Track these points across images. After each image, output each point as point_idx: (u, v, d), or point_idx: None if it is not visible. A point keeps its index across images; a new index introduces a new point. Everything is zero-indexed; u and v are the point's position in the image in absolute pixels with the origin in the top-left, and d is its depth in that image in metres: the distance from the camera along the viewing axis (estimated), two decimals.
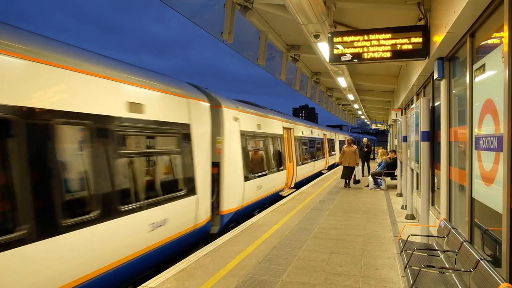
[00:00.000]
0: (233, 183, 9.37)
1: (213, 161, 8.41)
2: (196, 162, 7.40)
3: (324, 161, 24.30)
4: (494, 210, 3.60)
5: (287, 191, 14.50)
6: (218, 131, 8.92)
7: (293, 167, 15.64)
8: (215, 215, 8.52)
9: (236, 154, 9.81)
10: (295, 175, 15.85)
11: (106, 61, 5.58)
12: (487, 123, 3.82)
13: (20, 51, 3.98)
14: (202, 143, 7.72)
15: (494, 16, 3.76)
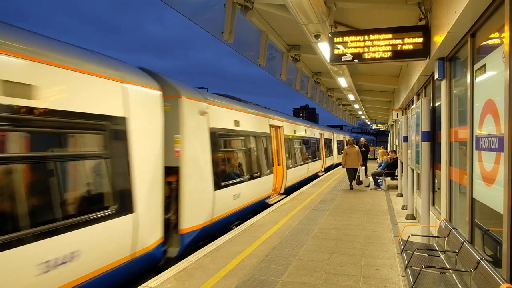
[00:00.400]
0: (198, 192, 7.55)
1: (171, 165, 6.87)
2: (135, 168, 5.59)
3: (321, 162, 22.79)
4: (495, 211, 3.59)
5: (275, 198, 12.78)
6: (177, 128, 7.08)
7: (282, 170, 14.01)
8: (173, 234, 6.95)
9: (203, 157, 7.89)
10: (285, 180, 14.25)
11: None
12: (488, 123, 3.81)
13: None
14: (147, 143, 6.00)
15: (495, 16, 3.76)
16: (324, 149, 24.37)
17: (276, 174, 12.94)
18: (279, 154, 13.85)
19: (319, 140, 22.81)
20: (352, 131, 67.42)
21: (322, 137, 23.90)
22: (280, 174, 13.63)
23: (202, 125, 7.97)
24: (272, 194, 12.70)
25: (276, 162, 13.24)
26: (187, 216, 7.05)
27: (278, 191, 13.59)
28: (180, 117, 7.13)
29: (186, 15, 6.76)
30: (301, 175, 17.16)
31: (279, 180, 13.50)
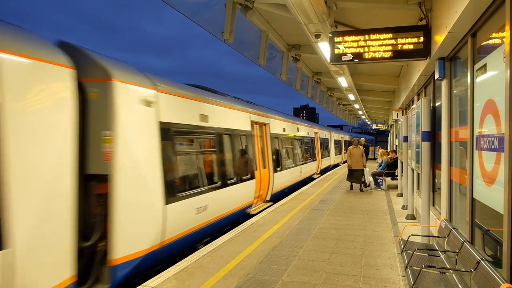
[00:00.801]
0: (138, 208, 5.68)
1: (98, 173, 5.28)
2: (10, 183, 3.80)
3: (316, 164, 20.92)
4: (495, 211, 3.59)
5: (259, 206, 10.94)
6: (106, 122, 5.32)
7: (268, 174, 11.95)
8: (100, 267, 5.19)
9: (148, 161, 6.02)
10: (271, 185, 12.12)
11: None
12: (488, 123, 3.81)
13: None
14: (40, 142, 4.23)
15: (495, 16, 3.76)
16: (320, 150, 22.58)
17: (260, 179, 10.98)
18: (265, 155, 11.88)
19: (314, 139, 21.03)
20: (352, 131, 67.42)
21: (317, 136, 22.25)
22: (265, 179, 11.53)
23: (147, 119, 6.12)
24: (255, 202, 10.73)
25: (261, 165, 11.30)
26: (122, 241, 5.25)
27: (264, 198, 11.71)
28: (112, 107, 5.34)
29: (186, 15, 6.76)
30: (292, 178, 15.17)
31: (264, 185, 11.42)
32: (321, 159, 22.54)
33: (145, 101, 6.06)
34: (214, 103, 8.69)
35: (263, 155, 11.78)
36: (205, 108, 8.16)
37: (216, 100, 8.90)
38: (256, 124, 11.46)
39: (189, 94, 7.73)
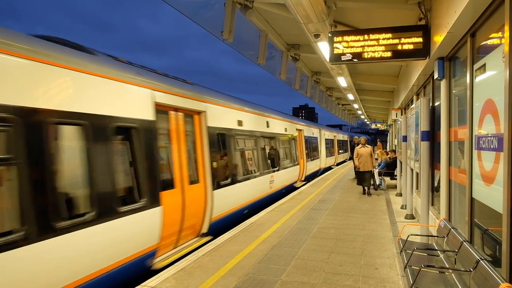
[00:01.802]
0: None
1: None
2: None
3: (298, 169, 16.71)
4: (494, 210, 3.59)
5: (171, 254, 6.60)
6: None
7: (204, 192, 7.80)
8: None
9: None
10: (209, 209, 7.84)
11: None
12: (488, 123, 3.82)
13: None
14: None
15: (494, 16, 3.76)
16: (305, 151, 18.61)
17: (177, 205, 6.79)
18: (195, 162, 7.66)
19: (296, 138, 16.95)
20: (351, 130, 67.47)
21: (301, 134, 18.25)
22: (192, 201, 7.25)
23: None
24: (164, 247, 6.43)
25: (185, 178, 7.10)
26: None
27: (198, 231, 7.67)
28: None
29: (186, 14, 6.76)
30: (255, 193, 10.80)
31: (190, 212, 7.17)
32: (306, 163, 18.60)
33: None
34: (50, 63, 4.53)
35: (191, 162, 7.52)
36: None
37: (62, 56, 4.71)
38: (171, 112, 6.94)
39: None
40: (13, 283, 3.77)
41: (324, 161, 24.24)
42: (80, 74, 4.84)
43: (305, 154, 18.40)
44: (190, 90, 7.84)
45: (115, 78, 5.51)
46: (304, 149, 18.31)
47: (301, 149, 17.86)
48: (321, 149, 23.58)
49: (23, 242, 3.83)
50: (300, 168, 17.18)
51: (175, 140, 6.99)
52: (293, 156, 15.99)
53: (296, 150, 16.70)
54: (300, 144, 17.89)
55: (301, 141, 18.07)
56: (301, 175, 17.60)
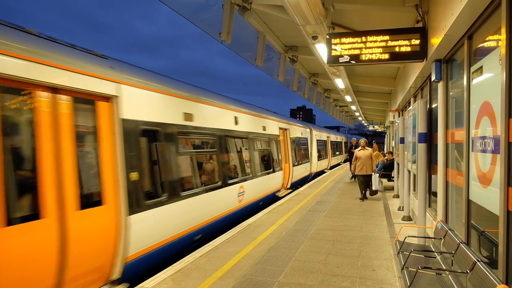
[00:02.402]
0: None
1: None
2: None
3: (281, 175, 14.27)
4: (491, 212, 3.61)
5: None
6: None
7: (113, 223, 5.26)
8: None
9: None
10: (121, 253, 5.34)
11: None
12: (484, 125, 3.83)
13: None
14: None
15: (491, 18, 3.78)
16: (291, 154, 15.99)
17: (45, 245, 4.29)
18: (100, 174, 5.20)
19: (278, 139, 14.43)
20: (349, 132, 67.57)
21: (286, 134, 15.78)
22: (85, 236, 4.79)
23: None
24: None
25: (71, 199, 4.61)
26: None
27: (105, 278, 5.24)
28: None
29: (185, 16, 6.77)
30: (209, 212, 8.08)
31: (77, 257, 4.64)
32: (292, 168, 15.95)
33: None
34: None
35: (87, 173, 5.08)
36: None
37: None
38: (40, 92, 4.42)
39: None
40: None
41: (316, 165, 21.74)
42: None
43: (291, 157, 15.87)
44: (91, 63, 5.24)
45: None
46: (290, 152, 15.80)
47: (286, 151, 15.33)
48: (312, 151, 21.11)
49: None
50: (284, 174, 14.63)
51: (47, 140, 4.41)
52: (274, 160, 13.62)
53: (278, 153, 14.35)
54: (285, 146, 15.35)
55: (286, 142, 15.52)
56: (286, 182, 15.15)
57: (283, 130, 15.51)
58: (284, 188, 14.65)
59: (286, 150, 15.54)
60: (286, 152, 15.41)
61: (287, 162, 15.38)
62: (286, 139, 15.76)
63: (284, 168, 14.76)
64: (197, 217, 7.51)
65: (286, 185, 15.09)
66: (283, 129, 15.44)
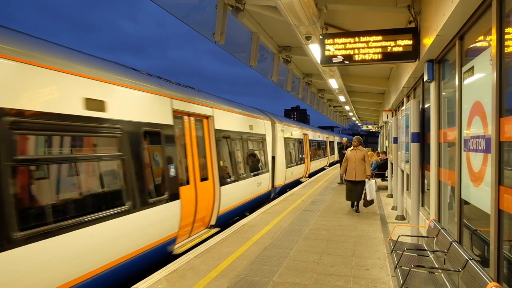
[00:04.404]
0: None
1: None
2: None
3: (172, 213, 7.00)
4: (483, 211, 3.64)
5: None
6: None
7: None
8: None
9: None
10: None
11: None
12: (476, 125, 3.87)
13: None
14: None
15: (482, 19, 3.82)
16: (215, 163, 9.09)
17: None
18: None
19: (203, 137, 8.91)
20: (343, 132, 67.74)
21: (207, 127, 9.08)
22: None
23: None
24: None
25: None
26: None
27: None
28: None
29: (178, 17, 6.76)
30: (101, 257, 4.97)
31: None
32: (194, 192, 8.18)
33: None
34: None
35: None
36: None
37: None
38: None
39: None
40: None
41: (283, 175, 15.41)
42: None
43: (214, 168, 8.96)
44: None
45: None
46: (215, 159, 9.02)
47: (191, 159, 8.07)
48: (278, 154, 15.01)
49: None
50: (185, 208, 7.35)
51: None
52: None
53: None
54: (191, 149, 8.09)
55: (190, 141, 8.14)
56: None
57: (186, 116, 8.01)
58: (178, 242, 7.36)
59: (191, 157, 8.06)
60: (191, 161, 8.05)
61: (193, 178, 8.00)
62: (189, 136, 8.11)
63: (184, 193, 7.41)
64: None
65: (188, 235, 7.80)
66: (181, 114, 7.84)
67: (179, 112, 7.69)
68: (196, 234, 8.18)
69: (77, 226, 4.68)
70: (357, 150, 10.35)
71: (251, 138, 12.31)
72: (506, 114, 3.16)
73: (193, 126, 8.38)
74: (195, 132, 8.42)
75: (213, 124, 9.22)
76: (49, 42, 5.14)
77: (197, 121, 8.58)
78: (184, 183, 7.58)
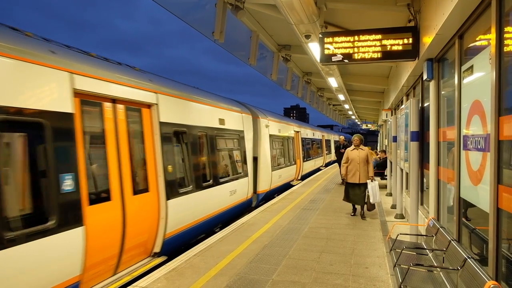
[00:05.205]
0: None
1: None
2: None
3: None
4: (482, 210, 3.65)
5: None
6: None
7: None
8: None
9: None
10: None
11: None
12: (475, 124, 3.88)
13: None
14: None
15: (482, 18, 3.82)
16: (160, 167, 6.73)
17: None
18: None
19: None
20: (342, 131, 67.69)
21: (151, 120, 6.78)
22: None
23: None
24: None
25: None
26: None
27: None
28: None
29: (177, 15, 6.75)
30: None
31: None
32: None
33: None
34: None
35: None
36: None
37: None
38: None
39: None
40: None
41: (268, 179, 13.31)
42: None
43: (158, 176, 6.75)
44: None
45: None
46: (160, 164, 6.79)
47: (116, 164, 5.82)
48: (261, 155, 12.96)
49: None
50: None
51: None
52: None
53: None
54: (115, 149, 5.84)
55: (116, 138, 5.86)
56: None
57: (99, 102, 5.70)
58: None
59: (117, 165, 5.89)
60: (118, 169, 5.88)
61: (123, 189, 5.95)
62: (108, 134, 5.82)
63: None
64: None
65: (110, 271, 5.77)
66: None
67: (91, 96, 5.43)
68: (129, 268, 5.99)
69: None
70: (359, 150, 9.53)
71: (222, 135, 9.94)
72: (505, 113, 3.16)
73: (122, 117, 5.99)
74: (125, 125, 6.04)
75: (158, 116, 6.83)
76: None
77: (130, 110, 6.23)
78: (98, 199, 5.36)
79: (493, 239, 3.31)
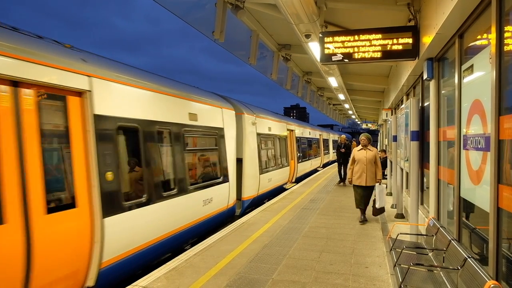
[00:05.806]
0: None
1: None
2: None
3: None
4: (482, 209, 3.65)
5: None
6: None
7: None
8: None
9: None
10: None
11: None
12: (475, 123, 3.87)
13: None
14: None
15: (482, 17, 3.82)
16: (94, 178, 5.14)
17: None
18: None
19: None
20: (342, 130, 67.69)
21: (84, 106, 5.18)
22: None
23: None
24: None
25: None
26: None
27: None
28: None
29: (178, 15, 6.75)
30: None
31: None
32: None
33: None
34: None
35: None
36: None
37: None
38: None
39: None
40: None
41: (255, 183, 12.02)
42: None
43: (91, 186, 5.12)
44: None
45: None
46: (95, 170, 5.17)
47: (14, 173, 4.15)
48: (247, 156, 11.46)
49: None
50: None
51: None
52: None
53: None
54: (15, 152, 4.19)
55: (17, 137, 4.23)
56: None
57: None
58: None
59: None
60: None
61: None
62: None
63: None
64: None
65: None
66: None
67: None
68: None
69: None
70: (367, 150, 8.85)
71: (193, 132, 8.39)
72: (505, 112, 3.16)
73: (30, 106, 4.40)
74: (34, 118, 4.43)
75: (92, 107, 5.20)
76: None
77: (46, 98, 4.64)
78: None
79: (493, 238, 3.31)
